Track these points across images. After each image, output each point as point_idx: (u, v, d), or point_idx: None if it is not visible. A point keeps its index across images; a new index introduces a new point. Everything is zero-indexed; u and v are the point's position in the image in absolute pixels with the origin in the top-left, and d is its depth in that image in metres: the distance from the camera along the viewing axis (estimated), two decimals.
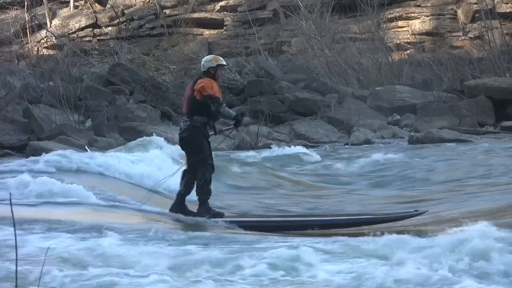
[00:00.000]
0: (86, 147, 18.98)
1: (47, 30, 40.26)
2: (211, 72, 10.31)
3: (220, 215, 10.21)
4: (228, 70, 27.96)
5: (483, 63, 30.73)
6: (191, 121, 10.19)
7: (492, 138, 22.13)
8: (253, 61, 30.15)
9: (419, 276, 6.33)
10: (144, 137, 17.68)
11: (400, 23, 36.59)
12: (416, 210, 10.23)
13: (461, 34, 35.61)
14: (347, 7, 35.96)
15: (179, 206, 10.31)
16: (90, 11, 42.24)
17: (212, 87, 10.13)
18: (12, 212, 4.55)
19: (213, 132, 10.39)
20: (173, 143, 15.28)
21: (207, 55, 37.54)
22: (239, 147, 22.01)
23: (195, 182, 10.18)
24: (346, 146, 22.34)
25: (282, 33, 38.39)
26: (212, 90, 10.10)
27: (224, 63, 10.47)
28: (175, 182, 10.67)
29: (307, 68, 31.85)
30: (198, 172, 10.14)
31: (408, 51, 34.93)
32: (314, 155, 19.01)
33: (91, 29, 41.40)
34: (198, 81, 10.28)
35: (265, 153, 19.41)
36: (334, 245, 7.58)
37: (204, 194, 10.12)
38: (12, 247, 7.12)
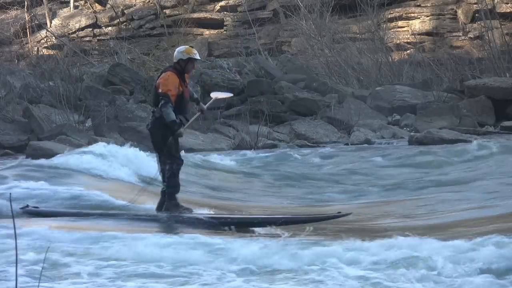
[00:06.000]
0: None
1: (47, 30, 40.24)
2: (181, 65, 9.67)
3: (189, 211, 9.92)
4: (228, 70, 27.94)
5: (483, 63, 30.70)
6: (153, 113, 9.85)
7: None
8: (253, 61, 30.10)
9: None
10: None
11: (400, 23, 36.55)
12: (339, 212, 9.97)
13: (461, 34, 35.56)
14: (347, 7, 35.92)
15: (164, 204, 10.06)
16: (90, 11, 42.22)
17: (167, 84, 9.52)
18: (12, 212, 4.55)
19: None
20: None
21: (207, 55, 38.03)
22: (239, 146, 22.01)
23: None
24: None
25: (282, 33, 38.35)
26: (166, 87, 9.50)
27: (197, 57, 9.71)
28: None
29: (307, 68, 31.80)
30: (166, 165, 9.78)
31: (408, 51, 34.90)
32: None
33: (91, 29, 41.37)
34: (160, 76, 9.76)
35: None
36: None
37: (171, 187, 9.78)
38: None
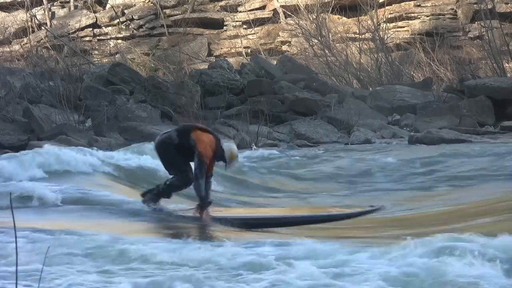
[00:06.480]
0: None
1: (47, 30, 40.25)
2: (220, 153, 10.06)
3: (164, 209, 10.21)
4: (228, 70, 27.95)
5: (483, 63, 30.73)
6: (165, 132, 10.27)
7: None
8: (253, 61, 30.12)
9: None
10: None
11: (400, 23, 36.58)
12: (371, 206, 9.97)
13: (461, 34, 35.59)
14: (347, 7, 35.97)
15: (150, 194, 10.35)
16: (90, 11, 42.24)
17: (207, 150, 9.90)
18: (12, 212, 4.56)
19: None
20: None
21: (207, 55, 38.05)
22: (239, 146, 21.96)
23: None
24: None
25: (282, 33, 38.39)
26: (205, 151, 9.89)
27: (231, 165, 10.23)
28: None
29: (307, 68, 31.83)
30: (174, 176, 10.18)
31: (408, 51, 34.92)
32: None
33: (91, 29, 41.39)
34: (207, 134, 10.10)
35: None
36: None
37: (162, 190, 10.14)
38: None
